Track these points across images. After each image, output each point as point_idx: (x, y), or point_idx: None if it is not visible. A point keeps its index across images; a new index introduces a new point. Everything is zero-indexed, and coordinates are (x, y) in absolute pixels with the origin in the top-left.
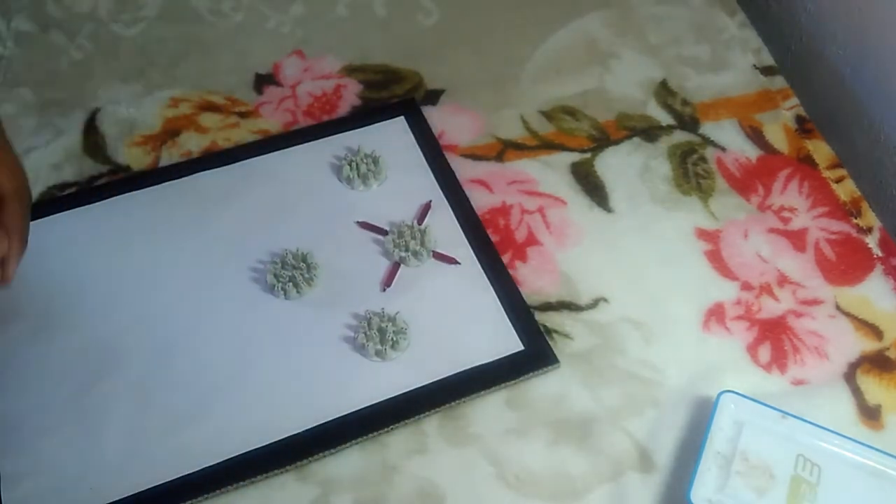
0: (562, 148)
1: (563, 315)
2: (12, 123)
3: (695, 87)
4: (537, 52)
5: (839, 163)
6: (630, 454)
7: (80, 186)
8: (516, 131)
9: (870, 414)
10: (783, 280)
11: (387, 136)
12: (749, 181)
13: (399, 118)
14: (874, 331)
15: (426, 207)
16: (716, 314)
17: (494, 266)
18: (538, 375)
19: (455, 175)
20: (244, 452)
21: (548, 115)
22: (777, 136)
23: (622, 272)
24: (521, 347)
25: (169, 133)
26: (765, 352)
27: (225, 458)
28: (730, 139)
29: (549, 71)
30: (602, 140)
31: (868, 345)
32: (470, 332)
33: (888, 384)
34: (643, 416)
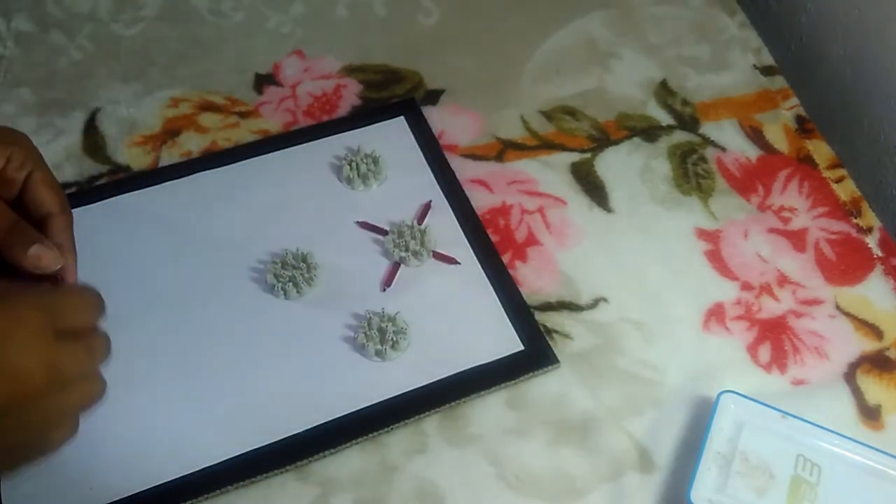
0: (562, 148)
1: (563, 315)
2: (12, 123)
3: (695, 87)
4: (537, 52)
5: (839, 163)
6: (630, 454)
7: (80, 186)
8: (516, 131)
9: (870, 414)
10: (783, 280)
11: (387, 136)
12: (749, 181)
13: (399, 118)
14: (874, 331)
15: (426, 207)
16: (716, 314)
17: (494, 266)
18: (538, 375)
19: (455, 175)
20: (244, 452)
21: (548, 115)
22: (777, 136)
23: (622, 272)
24: (521, 347)
25: (169, 133)
26: (765, 352)
27: (225, 458)
28: (730, 139)
29: (549, 71)
30: (602, 140)
31: (868, 345)
32: (470, 332)
33: (888, 384)
34: (643, 416)
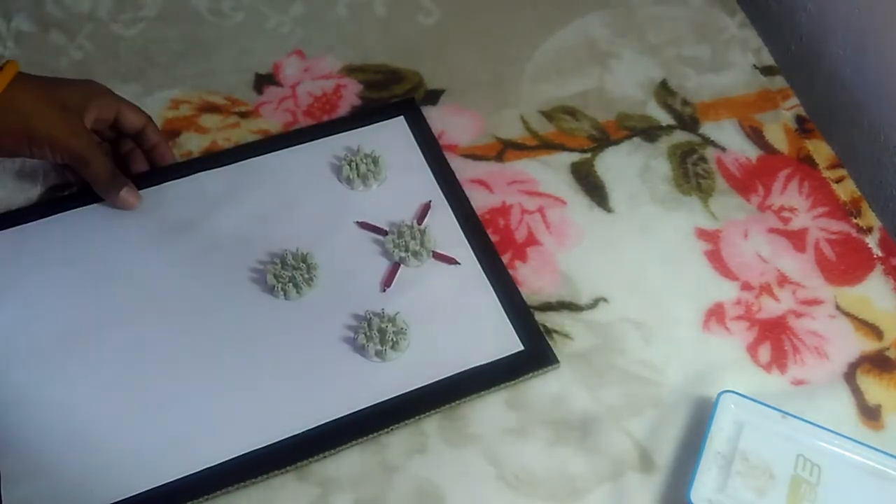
0: (562, 148)
1: (563, 315)
2: None
3: (695, 87)
4: (537, 52)
5: (839, 163)
6: (630, 454)
7: (81, 186)
8: (516, 131)
9: (870, 414)
10: (783, 280)
11: (386, 136)
12: (749, 181)
13: (399, 118)
14: (874, 331)
15: (426, 207)
16: (716, 314)
17: (494, 266)
18: (538, 375)
19: (455, 175)
20: (244, 453)
21: (548, 115)
22: (777, 136)
23: (622, 272)
24: (520, 347)
25: (169, 133)
26: (765, 352)
27: (225, 458)
28: (730, 139)
29: (549, 71)
30: (602, 140)
31: (868, 345)
32: (470, 332)
33: (888, 384)
34: (643, 415)
